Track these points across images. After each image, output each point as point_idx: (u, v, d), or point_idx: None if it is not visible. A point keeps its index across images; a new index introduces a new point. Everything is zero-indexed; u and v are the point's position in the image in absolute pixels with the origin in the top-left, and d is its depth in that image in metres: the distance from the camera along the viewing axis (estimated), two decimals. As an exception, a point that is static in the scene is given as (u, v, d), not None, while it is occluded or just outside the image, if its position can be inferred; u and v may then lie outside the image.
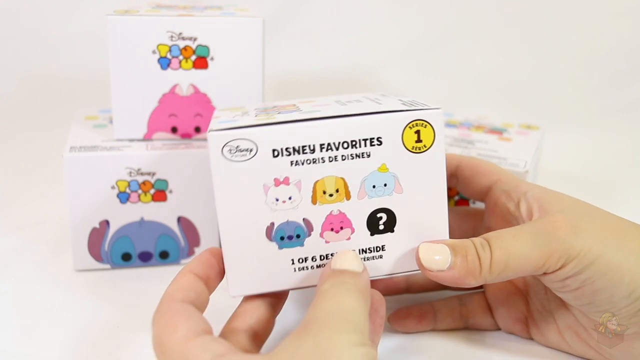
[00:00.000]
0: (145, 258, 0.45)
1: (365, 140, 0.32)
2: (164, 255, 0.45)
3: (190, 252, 0.46)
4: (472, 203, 0.45)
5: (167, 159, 0.43)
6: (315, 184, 0.32)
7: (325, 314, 0.28)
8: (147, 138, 0.45)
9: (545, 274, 0.32)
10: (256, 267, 0.33)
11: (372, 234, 0.33)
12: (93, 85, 0.77)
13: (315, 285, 0.32)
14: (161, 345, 0.28)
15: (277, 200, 0.32)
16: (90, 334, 0.38)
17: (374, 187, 0.33)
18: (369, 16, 0.84)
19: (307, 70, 0.80)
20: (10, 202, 0.56)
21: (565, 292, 0.33)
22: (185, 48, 0.43)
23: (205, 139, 0.44)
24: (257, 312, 0.33)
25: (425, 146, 0.32)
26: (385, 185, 0.33)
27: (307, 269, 0.33)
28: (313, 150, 0.32)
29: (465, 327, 0.39)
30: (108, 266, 0.45)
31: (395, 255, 0.34)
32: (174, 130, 0.45)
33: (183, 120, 0.45)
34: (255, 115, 0.34)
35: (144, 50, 0.42)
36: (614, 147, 0.72)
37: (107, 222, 0.44)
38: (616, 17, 0.83)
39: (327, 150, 0.32)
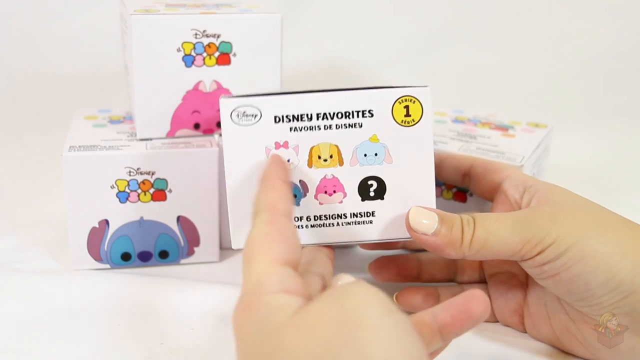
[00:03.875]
0: (144, 258, 0.45)
1: (358, 111, 0.36)
2: (163, 254, 0.45)
3: (190, 252, 0.46)
4: (469, 196, 0.45)
5: (166, 158, 0.43)
6: (311, 149, 0.36)
7: (350, 285, 0.28)
8: (170, 135, 0.45)
9: (523, 259, 0.34)
10: None
11: (362, 200, 0.37)
12: (93, 85, 0.77)
13: (307, 245, 0.36)
14: (250, 254, 0.29)
15: None
16: (90, 334, 0.38)
17: (365, 155, 0.36)
18: (371, 16, 0.84)
19: (307, 71, 0.80)
20: (10, 201, 0.56)
21: (545, 279, 0.35)
22: (209, 45, 0.43)
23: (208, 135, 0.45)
24: (323, 262, 0.35)
25: (413, 120, 0.36)
26: (375, 154, 0.36)
27: (302, 227, 0.37)
28: (310, 119, 0.36)
29: None
30: (107, 266, 0.45)
31: (384, 221, 0.37)
32: (196, 126, 0.45)
33: (206, 116, 0.45)
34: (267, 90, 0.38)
35: (168, 48, 0.42)
36: (624, 145, 0.72)
37: (106, 222, 0.44)
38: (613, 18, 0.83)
39: (323, 119, 0.36)
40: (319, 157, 0.36)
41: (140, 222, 0.44)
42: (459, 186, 0.45)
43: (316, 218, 0.37)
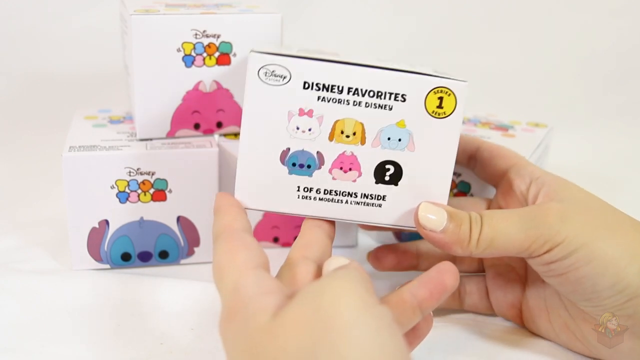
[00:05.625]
0: (144, 258, 0.45)
1: (390, 94, 0.34)
2: (163, 255, 0.45)
3: (190, 252, 0.46)
4: (469, 197, 0.45)
5: (166, 158, 0.43)
6: (335, 122, 0.34)
7: (326, 280, 0.28)
8: (170, 136, 0.45)
9: (531, 257, 0.34)
10: (264, 185, 0.35)
11: (376, 182, 0.36)
12: (93, 85, 0.77)
13: (312, 217, 0.36)
14: (220, 270, 0.30)
15: (297, 128, 0.34)
16: (90, 334, 0.38)
17: (388, 139, 0.35)
18: (371, 16, 0.84)
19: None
20: (10, 201, 0.56)
21: (551, 277, 0.34)
22: (209, 45, 0.43)
23: (212, 135, 0.46)
24: (322, 244, 0.34)
25: (445, 113, 0.34)
26: (399, 140, 0.35)
27: (310, 199, 0.36)
28: (341, 91, 0.34)
29: (461, 307, 0.41)
30: (107, 266, 0.45)
31: (393, 207, 0.36)
32: (196, 126, 0.45)
33: (206, 116, 0.45)
34: (297, 51, 0.36)
35: (168, 48, 0.42)
36: (624, 145, 0.72)
37: (106, 222, 0.44)
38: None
39: (353, 94, 0.34)
40: (342, 132, 0.35)
41: (140, 223, 0.44)
42: (460, 184, 0.45)
43: (326, 192, 0.36)
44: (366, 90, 0.34)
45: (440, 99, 0.34)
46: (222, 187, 0.45)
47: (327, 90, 0.34)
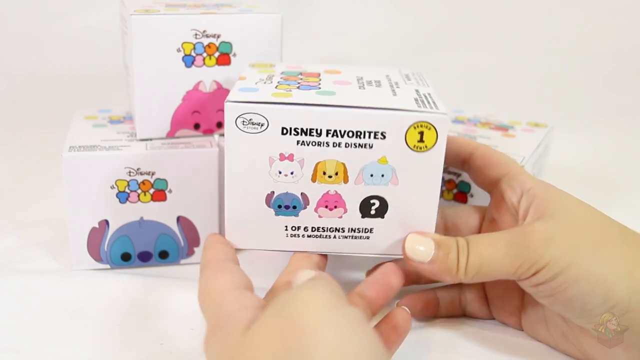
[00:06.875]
0: (144, 258, 0.45)
1: (370, 132, 0.34)
2: (163, 255, 0.45)
3: (190, 252, 0.46)
4: (469, 197, 0.45)
5: (166, 158, 0.43)
6: (317, 164, 0.34)
7: (294, 290, 0.28)
8: (170, 136, 0.45)
9: (520, 279, 0.34)
10: (252, 226, 0.36)
11: (362, 217, 0.36)
12: (93, 85, 0.77)
13: (302, 251, 0.36)
14: (203, 294, 0.31)
15: (280, 172, 0.34)
16: (90, 334, 0.38)
17: (371, 175, 0.35)
18: (371, 16, 0.84)
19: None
20: (10, 201, 0.56)
21: (542, 298, 0.34)
22: (209, 45, 0.43)
23: (209, 135, 0.45)
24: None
25: (426, 147, 0.34)
26: (382, 175, 0.35)
27: (298, 236, 0.36)
28: (319, 134, 0.34)
29: (462, 314, 0.41)
30: (108, 266, 0.45)
31: (380, 239, 0.36)
32: (196, 126, 0.45)
33: (206, 116, 0.45)
34: (277, 84, 0.36)
35: (168, 48, 0.42)
36: (624, 145, 0.72)
37: (106, 222, 0.44)
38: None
39: (332, 136, 0.34)
40: (324, 173, 0.34)
41: (140, 223, 0.44)
42: (460, 184, 0.45)
43: (313, 229, 0.36)
44: (345, 131, 0.33)
45: (421, 133, 0.34)
46: (222, 187, 0.45)
47: (306, 134, 0.34)
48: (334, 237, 0.36)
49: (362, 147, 0.34)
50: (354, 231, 0.36)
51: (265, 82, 0.37)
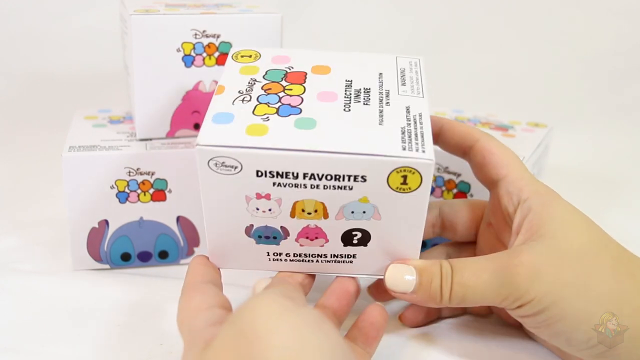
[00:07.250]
0: (144, 258, 0.45)
1: (349, 176, 0.32)
2: (163, 255, 0.45)
3: (190, 252, 0.46)
4: (469, 197, 0.45)
5: (166, 158, 0.43)
6: (295, 203, 0.33)
7: (246, 302, 0.28)
8: (170, 136, 0.45)
9: (506, 309, 0.34)
10: (234, 252, 0.35)
11: (345, 246, 0.35)
12: (93, 85, 0.77)
13: (287, 271, 0.36)
14: (178, 315, 0.32)
15: (257, 209, 0.33)
16: (90, 334, 0.38)
17: (352, 212, 0.33)
18: (371, 16, 0.84)
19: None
20: (10, 201, 0.56)
21: (527, 327, 0.35)
22: (209, 45, 0.43)
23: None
24: (292, 288, 0.34)
25: (410, 189, 0.32)
26: (364, 212, 0.33)
27: (281, 260, 0.36)
28: (296, 177, 0.32)
29: (464, 312, 0.41)
30: (107, 266, 0.45)
31: (364, 262, 0.36)
32: (196, 126, 0.45)
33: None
34: (256, 103, 0.34)
35: (168, 48, 0.42)
36: (624, 145, 0.72)
37: (106, 222, 0.44)
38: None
39: (310, 179, 0.32)
40: (303, 210, 0.33)
41: (140, 223, 0.44)
42: (460, 184, 0.45)
43: (295, 255, 0.35)
44: (322, 175, 0.31)
45: (404, 177, 0.31)
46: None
47: (282, 177, 0.32)
48: (317, 261, 0.36)
49: (341, 188, 0.32)
50: (337, 257, 0.35)
51: (244, 101, 0.34)
